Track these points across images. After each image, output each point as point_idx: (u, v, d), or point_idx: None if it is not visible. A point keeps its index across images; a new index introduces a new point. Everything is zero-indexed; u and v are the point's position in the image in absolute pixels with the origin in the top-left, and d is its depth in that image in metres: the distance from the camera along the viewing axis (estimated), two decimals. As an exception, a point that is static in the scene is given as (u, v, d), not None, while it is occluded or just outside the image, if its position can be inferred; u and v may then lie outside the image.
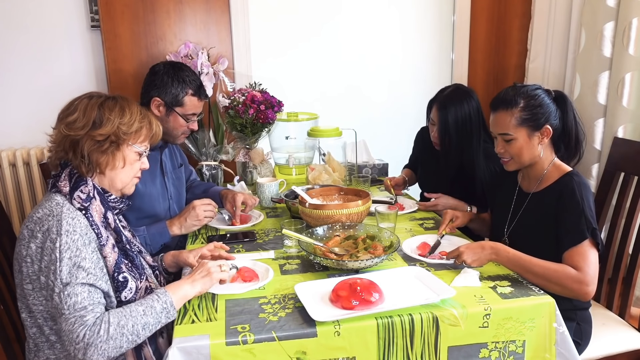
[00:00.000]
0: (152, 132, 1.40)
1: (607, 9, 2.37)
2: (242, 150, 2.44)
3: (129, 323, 1.17)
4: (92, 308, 1.17)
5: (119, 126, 1.30)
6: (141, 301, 1.23)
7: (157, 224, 1.80)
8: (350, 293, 1.26)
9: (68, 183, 1.28)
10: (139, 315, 1.19)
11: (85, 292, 1.17)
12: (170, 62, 1.91)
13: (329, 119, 2.68)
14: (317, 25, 2.94)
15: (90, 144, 1.28)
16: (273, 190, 2.12)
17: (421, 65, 3.12)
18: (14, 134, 2.68)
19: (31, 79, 2.66)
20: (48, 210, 1.23)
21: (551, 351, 1.33)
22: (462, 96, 2.01)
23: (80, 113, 1.29)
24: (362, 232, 1.64)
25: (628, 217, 1.86)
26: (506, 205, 1.72)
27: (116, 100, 1.34)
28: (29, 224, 1.24)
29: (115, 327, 1.15)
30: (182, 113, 1.86)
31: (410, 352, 1.26)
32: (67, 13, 2.63)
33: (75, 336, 1.13)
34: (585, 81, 2.52)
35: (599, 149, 2.50)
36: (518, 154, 1.59)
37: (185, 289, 1.29)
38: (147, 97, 1.85)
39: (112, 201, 1.37)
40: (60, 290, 1.16)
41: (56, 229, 1.19)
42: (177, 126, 1.88)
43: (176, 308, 1.25)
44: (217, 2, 2.70)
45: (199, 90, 1.89)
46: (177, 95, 1.84)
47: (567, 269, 1.42)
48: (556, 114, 1.57)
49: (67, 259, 1.17)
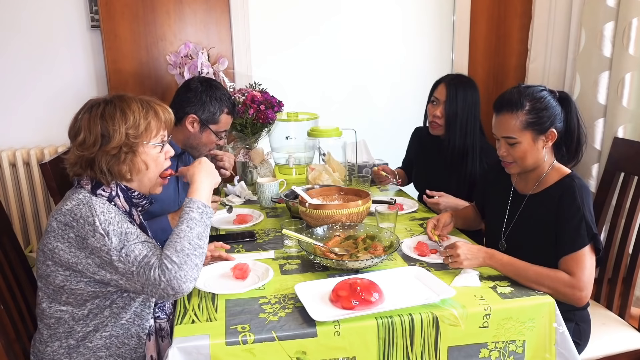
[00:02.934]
0: (161, 121, 1.37)
1: (607, 9, 2.37)
2: (242, 150, 2.44)
3: (184, 243, 1.22)
4: (153, 252, 1.22)
5: (127, 132, 1.28)
6: (180, 220, 1.27)
7: (159, 219, 1.78)
8: (350, 293, 1.26)
9: (90, 182, 1.30)
10: (187, 232, 1.24)
11: (139, 246, 1.22)
12: (206, 80, 1.93)
13: (329, 119, 2.68)
14: (317, 25, 2.94)
15: (107, 159, 1.28)
16: (273, 190, 2.12)
17: (421, 65, 3.12)
18: (14, 134, 2.69)
19: (31, 79, 2.66)
20: (77, 201, 1.24)
21: (551, 351, 1.33)
22: (469, 82, 2.10)
23: (86, 131, 1.27)
24: (362, 232, 1.64)
25: (628, 217, 1.85)
26: (501, 208, 1.70)
27: (114, 104, 1.31)
28: (59, 216, 1.24)
29: (176, 254, 1.20)
30: (216, 130, 1.91)
31: (410, 352, 1.26)
32: (67, 13, 2.63)
33: (153, 280, 1.18)
34: (585, 81, 2.52)
35: (599, 149, 2.50)
36: (522, 158, 1.55)
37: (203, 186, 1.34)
38: (182, 112, 1.85)
39: (135, 197, 1.37)
40: (118, 255, 1.20)
41: (91, 212, 1.21)
42: (209, 142, 1.92)
43: (208, 205, 1.31)
44: (217, 2, 2.70)
45: (233, 109, 1.95)
46: (214, 114, 1.88)
47: (560, 274, 1.40)
48: (561, 117, 1.53)
49: (112, 232, 1.21)
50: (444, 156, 2.13)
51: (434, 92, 2.13)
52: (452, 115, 2.06)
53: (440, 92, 2.09)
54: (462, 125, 2.06)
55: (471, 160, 2.09)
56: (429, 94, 2.17)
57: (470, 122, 2.06)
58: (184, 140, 1.90)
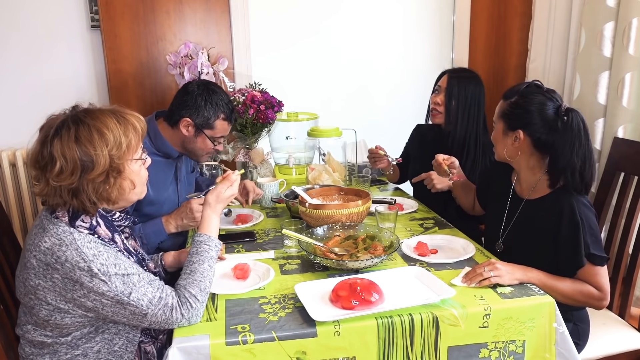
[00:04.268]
0: (139, 134, 1.28)
1: (607, 9, 2.37)
2: (242, 150, 2.44)
3: (206, 282, 1.27)
4: (166, 293, 1.22)
5: (110, 154, 1.18)
6: (198, 258, 1.29)
7: (153, 221, 1.77)
8: (350, 293, 1.26)
9: (66, 214, 1.20)
10: (208, 271, 1.28)
11: (149, 287, 1.21)
12: (204, 83, 1.88)
13: (329, 119, 2.68)
14: (317, 25, 2.94)
15: (94, 186, 1.18)
16: (273, 190, 2.12)
17: (421, 65, 3.12)
18: (14, 134, 2.68)
19: (31, 79, 2.66)
20: (57, 239, 1.16)
21: (551, 351, 1.33)
22: (475, 76, 2.13)
23: (61, 160, 1.15)
24: (362, 232, 1.64)
25: (628, 217, 1.85)
26: (501, 208, 1.70)
27: (87, 124, 1.18)
28: (37, 254, 1.17)
29: (200, 293, 1.24)
30: (211, 136, 1.85)
31: (410, 352, 1.26)
32: (67, 13, 2.63)
33: (175, 319, 1.20)
34: (585, 81, 2.52)
35: (599, 149, 2.50)
36: (494, 143, 1.64)
37: (213, 221, 1.38)
38: (178, 115, 1.82)
39: (116, 221, 1.32)
40: (129, 300, 1.17)
41: (81, 257, 1.15)
42: (204, 147, 1.87)
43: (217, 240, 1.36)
44: (217, 2, 2.70)
45: (231, 115, 1.88)
46: (208, 119, 1.82)
47: (590, 289, 1.46)
48: (543, 129, 1.49)
49: (114, 276, 1.17)
50: (445, 149, 2.13)
51: (438, 81, 2.17)
52: (453, 104, 2.08)
53: (443, 81, 2.13)
54: (463, 115, 2.08)
55: (472, 152, 2.10)
56: (434, 84, 2.20)
57: (472, 114, 2.08)
58: (180, 143, 1.86)
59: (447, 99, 2.09)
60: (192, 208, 1.73)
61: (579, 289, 1.45)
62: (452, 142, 2.11)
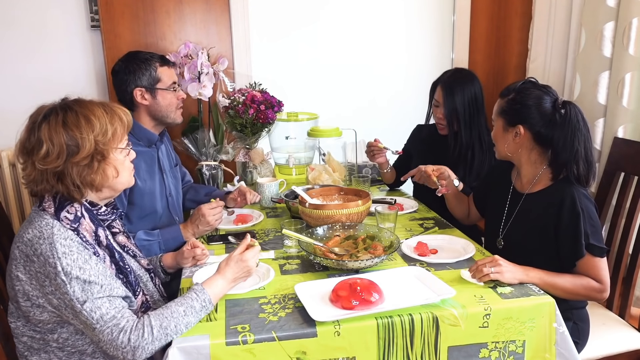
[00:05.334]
0: (125, 126, 1.31)
1: (607, 9, 2.37)
2: (242, 150, 2.44)
3: (171, 324, 1.18)
4: (122, 314, 1.18)
5: (96, 139, 1.22)
6: (180, 300, 1.23)
7: (170, 228, 1.80)
8: (350, 293, 1.26)
9: (52, 204, 1.22)
10: (180, 316, 1.20)
11: (106, 303, 1.18)
12: (123, 56, 1.91)
13: (329, 119, 2.68)
14: (318, 25, 2.94)
15: (78, 170, 1.21)
16: (273, 190, 2.12)
17: (421, 65, 3.12)
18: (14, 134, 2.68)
19: (31, 78, 2.65)
20: (38, 231, 1.17)
21: (551, 351, 1.33)
22: (466, 76, 2.11)
23: (48, 144, 1.18)
24: (362, 232, 1.64)
25: (628, 217, 1.85)
26: (501, 205, 1.71)
27: (74, 111, 1.22)
28: (20, 244, 1.19)
29: (159, 329, 1.17)
30: (165, 87, 1.88)
31: (410, 352, 1.26)
32: (67, 13, 2.63)
33: (119, 343, 1.15)
34: (585, 81, 2.52)
35: (599, 149, 2.50)
36: (495, 141, 1.65)
37: (221, 285, 1.29)
38: (128, 94, 1.85)
39: (102, 214, 1.33)
40: (81, 308, 1.15)
41: (52, 253, 1.15)
42: (169, 103, 1.89)
43: (213, 303, 1.26)
44: (217, 2, 2.70)
45: (164, 59, 1.92)
46: (150, 74, 1.85)
47: (591, 282, 1.46)
48: (542, 123, 1.52)
49: (75, 279, 1.15)
50: (451, 152, 2.13)
51: (434, 95, 2.16)
52: (452, 115, 2.08)
53: (438, 94, 2.12)
54: (465, 121, 2.08)
55: (479, 153, 2.10)
56: (430, 95, 2.18)
57: (473, 116, 2.08)
58: (151, 118, 1.89)
59: (446, 112, 2.09)
60: (204, 213, 1.74)
61: (579, 283, 1.46)
62: (459, 147, 2.11)
